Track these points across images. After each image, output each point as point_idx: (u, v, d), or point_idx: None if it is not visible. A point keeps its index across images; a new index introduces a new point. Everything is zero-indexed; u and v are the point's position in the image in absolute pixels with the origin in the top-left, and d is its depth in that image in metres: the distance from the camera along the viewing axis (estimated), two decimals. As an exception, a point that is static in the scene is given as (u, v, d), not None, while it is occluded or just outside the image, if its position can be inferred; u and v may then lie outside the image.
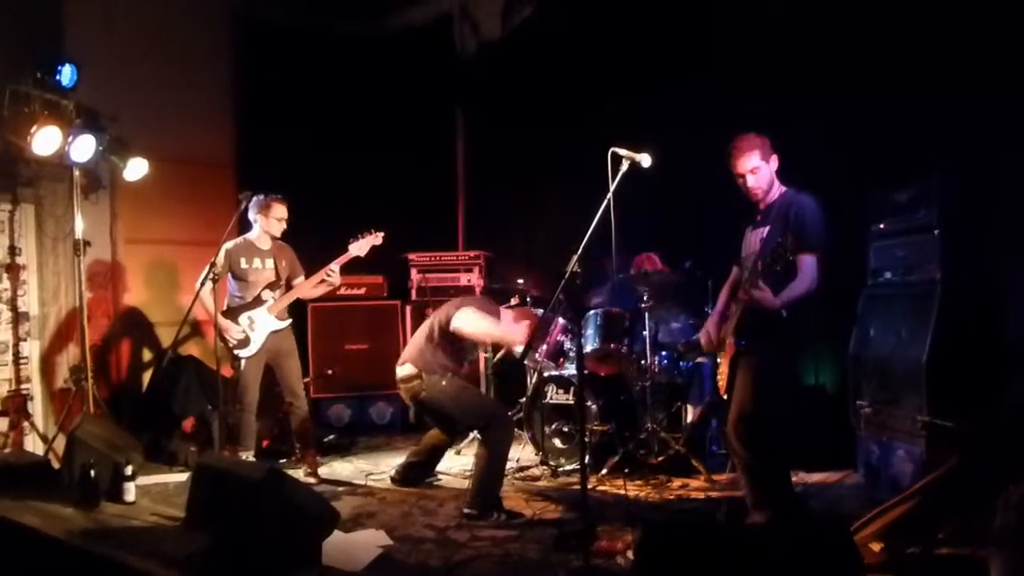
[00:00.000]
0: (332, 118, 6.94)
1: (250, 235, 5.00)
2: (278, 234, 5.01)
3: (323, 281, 4.98)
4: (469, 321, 4.25)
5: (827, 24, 4.64)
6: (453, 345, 4.36)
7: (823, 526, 2.72)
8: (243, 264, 4.91)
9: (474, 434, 5.65)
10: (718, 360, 3.65)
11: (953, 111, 4.00)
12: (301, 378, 5.07)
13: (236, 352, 4.83)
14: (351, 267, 6.59)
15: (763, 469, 3.47)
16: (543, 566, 3.32)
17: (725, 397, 3.60)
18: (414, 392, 4.32)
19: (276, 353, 4.95)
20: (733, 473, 4.46)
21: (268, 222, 4.93)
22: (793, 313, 3.36)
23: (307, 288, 5.05)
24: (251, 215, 4.96)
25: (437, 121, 7.28)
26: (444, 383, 4.27)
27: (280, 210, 4.95)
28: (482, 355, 6.07)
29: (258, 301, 4.92)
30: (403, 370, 4.35)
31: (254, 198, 4.93)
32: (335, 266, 4.92)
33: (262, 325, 4.90)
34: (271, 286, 4.97)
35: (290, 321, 5.03)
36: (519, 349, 4.35)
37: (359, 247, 4.97)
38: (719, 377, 3.64)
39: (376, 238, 4.98)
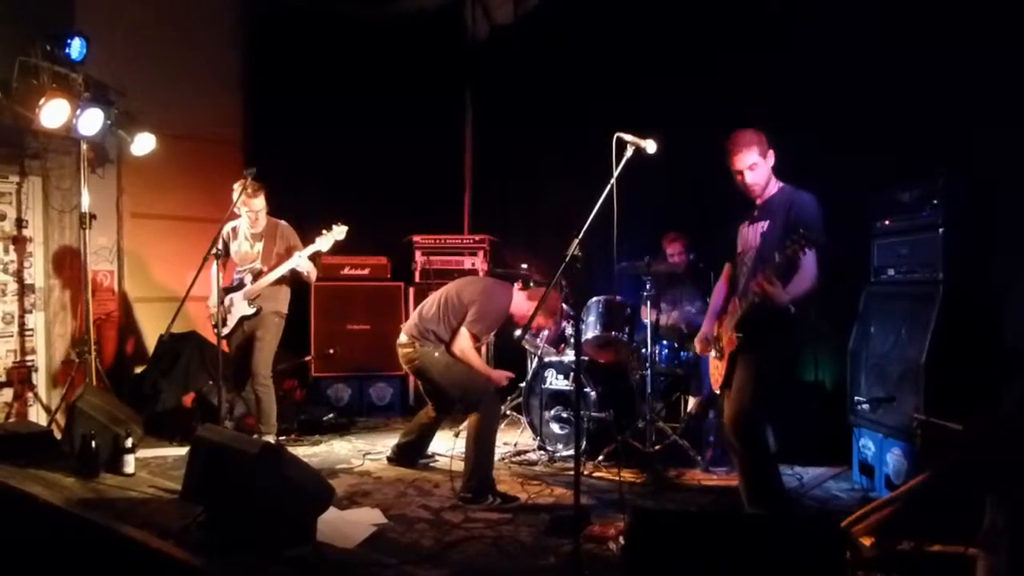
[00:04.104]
0: (341, 99, 6.92)
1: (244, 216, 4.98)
2: (253, 218, 4.94)
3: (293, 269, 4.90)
4: (464, 344, 4.32)
5: (832, 21, 4.60)
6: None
7: (812, 519, 2.73)
8: (233, 244, 5.01)
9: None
10: (713, 354, 3.63)
11: (960, 111, 3.97)
12: (266, 361, 4.98)
13: (217, 331, 4.73)
14: (355, 248, 6.66)
15: (760, 464, 3.46)
16: (535, 549, 3.35)
17: (718, 391, 3.60)
18: (409, 358, 4.45)
19: (250, 334, 4.99)
20: (729, 465, 4.48)
21: (247, 203, 4.84)
22: (796, 310, 3.30)
23: (273, 276, 4.91)
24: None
25: (446, 104, 7.24)
26: (437, 354, 4.37)
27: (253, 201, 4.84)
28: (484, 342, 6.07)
29: (241, 283, 4.99)
30: (402, 337, 4.51)
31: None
32: (304, 255, 4.87)
33: (236, 309, 4.95)
34: (253, 269, 4.98)
35: (257, 308, 4.93)
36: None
37: (324, 242, 4.89)
38: (713, 371, 3.63)
39: (340, 232, 4.91)
